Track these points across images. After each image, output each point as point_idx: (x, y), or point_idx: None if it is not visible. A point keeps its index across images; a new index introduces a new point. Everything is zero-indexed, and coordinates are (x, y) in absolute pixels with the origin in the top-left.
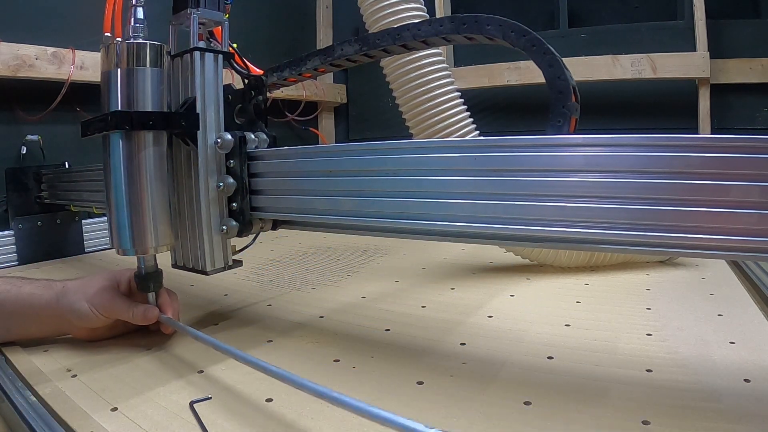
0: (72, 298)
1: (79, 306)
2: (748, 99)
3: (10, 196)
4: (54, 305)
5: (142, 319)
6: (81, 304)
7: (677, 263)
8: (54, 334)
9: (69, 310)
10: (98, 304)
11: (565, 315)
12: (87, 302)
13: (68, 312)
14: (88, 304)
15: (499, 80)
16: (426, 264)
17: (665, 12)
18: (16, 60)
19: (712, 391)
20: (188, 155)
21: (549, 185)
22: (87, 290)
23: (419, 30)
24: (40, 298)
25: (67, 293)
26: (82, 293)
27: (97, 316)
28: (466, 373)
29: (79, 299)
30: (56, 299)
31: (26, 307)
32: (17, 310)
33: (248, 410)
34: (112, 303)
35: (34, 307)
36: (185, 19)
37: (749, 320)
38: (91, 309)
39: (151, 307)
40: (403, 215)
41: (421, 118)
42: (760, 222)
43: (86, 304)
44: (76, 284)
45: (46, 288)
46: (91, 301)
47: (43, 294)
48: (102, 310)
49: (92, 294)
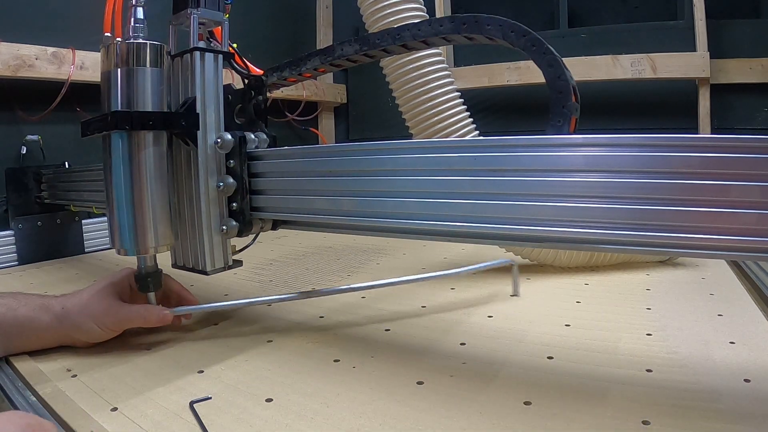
0: (77, 320)
1: (87, 327)
2: (748, 99)
3: (10, 196)
4: (56, 327)
5: (158, 323)
6: (89, 326)
7: (677, 263)
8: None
9: (75, 331)
10: (108, 322)
11: (565, 315)
12: (95, 323)
13: (74, 332)
14: (96, 325)
15: (499, 80)
16: (426, 264)
17: (665, 12)
18: (16, 60)
19: (712, 391)
20: (188, 155)
21: (549, 185)
22: (92, 310)
23: (419, 30)
24: (39, 322)
25: (70, 315)
26: (87, 314)
27: (108, 333)
28: (466, 373)
29: (84, 321)
30: (58, 321)
31: (26, 329)
32: (15, 332)
33: (248, 410)
34: (121, 317)
35: (35, 330)
36: (185, 19)
37: (749, 320)
38: (101, 328)
39: (163, 309)
40: (403, 215)
41: (421, 118)
42: (760, 222)
43: (94, 325)
44: (77, 303)
45: (44, 311)
46: (99, 321)
47: (42, 317)
48: (113, 326)
49: (99, 313)
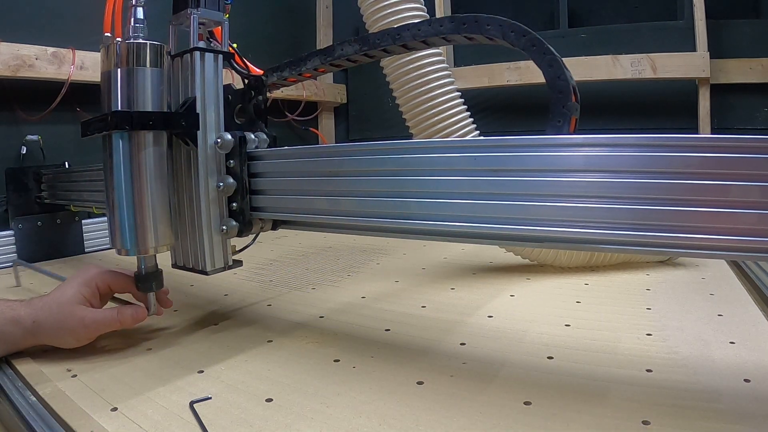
0: (50, 334)
1: (61, 340)
2: (748, 99)
3: (10, 196)
4: (30, 339)
5: (134, 322)
6: (64, 338)
7: (677, 263)
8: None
9: (50, 341)
10: (82, 334)
11: (565, 315)
12: (70, 336)
13: (49, 343)
14: (71, 338)
15: (499, 80)
16: (426, 264)
17: (665, 12)
18: (16, 60)
19: (712, 391)
20: (188, 155)
21: (549, 185)
22: (63, 323)
23: (419, 30)
24: (12, 336)
25: (42, 329)
26: (58, 328)
27: (84, 341)
28: (466, 373)
29: (57, 333)
30: (31, 335)
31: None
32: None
33: (248, 410)
34: (95, 327)
35: (7, 342)
36: (185, 19)
37: (749, 320)
38: (76, 340)
39: (135, 307)
40: (403, 215)
41: (421, 118)
42: (760, 222)
43: (70, 338)
44: (47, 317)
45: (15, 324)
46: (72, 333)
47: (14, 332)
48: (87, 336)
49: (71, 326)
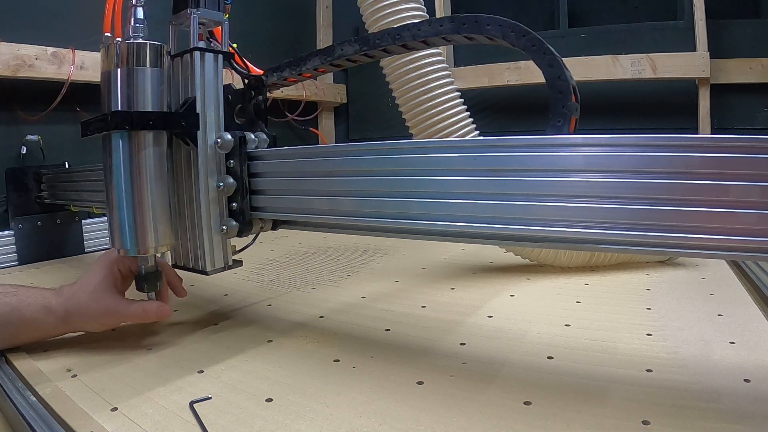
0: (79, 322)
1: (89, 327)
2: (748, 99)
3: (10, 196)
4: (61, 327)
5: (157, 318)
6: (91, 326)
7: (677, 263)
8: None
9: (78, 329)
10: (109, 322)
11: (565, 315)
12: (97, 323)
13: (77, 330)
14: (98, 324)
15: (499, 80)
16: (426, 264)
17: (665, 12)
18: (16, 60)
19: (712, 391)
20: (188, 155)
21: (549, 185)
22: (93, 312)
23: (419, 30)
24: (44, 323)
25: (72, 318)
26: (88, 316)
27: (108, 328)
28: (466, 373)
29: (86, 322)
30: (63, 323)
31: (31, 329)
32: (21, 331)
33: (248, 410)
34: (121, 315)
35: (39, 330)
36: (185, 19)
37: (749, 320)
38: (102, 325)
39: (160, 304)
40: (403, 215)
41: (421, 118)
42: (760, 222)
43: (97, 324)
44: (78, 306)
45: (47, 313)
46: (101, 321)
47: (47, 320)
48: (114, 324)
49: (99, 314)
